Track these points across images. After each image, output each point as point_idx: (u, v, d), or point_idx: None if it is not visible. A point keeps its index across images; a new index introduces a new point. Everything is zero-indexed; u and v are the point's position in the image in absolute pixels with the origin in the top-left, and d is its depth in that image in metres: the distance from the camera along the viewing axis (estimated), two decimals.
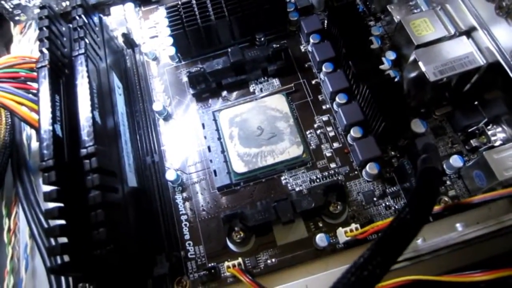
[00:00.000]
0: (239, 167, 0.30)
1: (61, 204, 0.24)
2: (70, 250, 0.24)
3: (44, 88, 0.26)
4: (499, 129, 0.30)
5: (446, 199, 0.29)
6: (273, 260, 0.28)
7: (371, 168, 0.29)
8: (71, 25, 0.30)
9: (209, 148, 0.32)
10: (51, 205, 0.24)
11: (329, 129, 0.32)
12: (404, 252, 0.16)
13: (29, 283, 0.32)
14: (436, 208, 0.26)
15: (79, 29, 0.29)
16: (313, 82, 0.34)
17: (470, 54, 0.29)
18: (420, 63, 0.29)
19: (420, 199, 0.18)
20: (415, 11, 0.34)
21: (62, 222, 0.24)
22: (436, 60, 0.29)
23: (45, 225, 0.32)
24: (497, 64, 0.27)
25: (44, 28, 0.28)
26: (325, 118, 0.33)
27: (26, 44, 0.43)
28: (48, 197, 0.24)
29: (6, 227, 0.35)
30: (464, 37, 0.29)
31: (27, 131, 0.38)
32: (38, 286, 0.32)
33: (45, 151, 0.25)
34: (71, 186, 0.24)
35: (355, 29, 0.32)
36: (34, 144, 0.38)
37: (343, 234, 0.27)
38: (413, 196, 0.19)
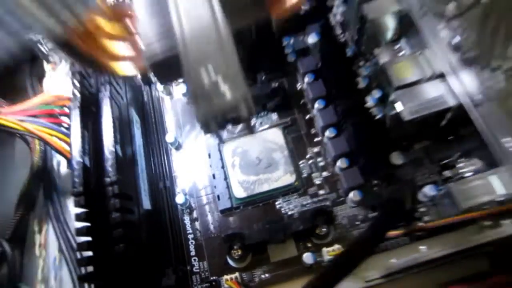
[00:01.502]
0: (239, 192, 0.35)
1: (88, 224, 0.29)
2: (94, 262, 0.28)
3: (75, 125, 0.32)
4: (471, 162, 0.34)
5: (421, 224, 0.32)
6: (267, 275, 0.33)
7: (354, 195, 0.33)
8: None
9: (213, 175, 0.36)
10: (79, 224, 0.29)
11: (319, 159, 0.37)
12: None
13: None
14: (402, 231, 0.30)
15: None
16: (307, 117, 0.39)
17: (442, 96, 0.33)
18: (398, 103, 0.33)
19: (373, 227, 0.22)
20: (399, 54, 0.39)
21: (89, 238, 0.29)
22: (412, 100, 0.33)
23: (72, 241, 0.37)
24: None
25: (76, 74, 0.34)
26: (316, 149, 0.37)
27: (57, 78, 0.49)
28: (78, 217, 0.29)
29: (37, 242, 0.40)
30: (438, 80, 0.33)
31: (57, 159, 0.43)
32: None
33: (76, 179, 0.30)
34: (96, 208, 0.29)
35: (343, 70, 0.37)
36: (63, 170, 0.43)
37: (326, 254, 0.31)
38: (370, 224, 0.23)
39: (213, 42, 0.22)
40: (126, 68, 0.29)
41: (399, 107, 0.32)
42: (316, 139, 0.38)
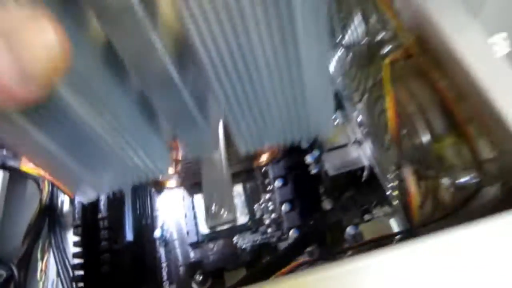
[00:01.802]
0: (204, 229, 0.44)
1: (82, 249, 0.38)
2: (85, 280, 0.37)
3: None
4: (383, 208, 0.43)
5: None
6: None
7: (293, 233, 0.43)
8: None
9: (185, 214, 0.46)
10: (75, 249, 0.38)
11: (269, 203, 0.46)
12: None
13: None
14: None
15: None
16: (263, 170, 0.49)
17: (359, 157, 0.43)
18: (325, 162, 0.43)
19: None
20: (335, 122, 0.49)
21: (81, 261, 0.38)
22: (336, 160, 0.43)
23: (68, 267, 0.46)
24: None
25: None
26: (268, 195, 0.47)
27: None
28: (75, 244, 0.38)
29: (39, 268, 0.49)
30: (357, 145, 0.44)
31: (61, 199, 0.53)
32: None
33: (76, 214, 0.39)
34: (90, 237, 0.39)
35: None
36: (65, 208, 0.53)
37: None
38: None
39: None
40: None
41: (325, 165, 0.43)
42: (269, 187, 0.47)
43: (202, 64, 0.17)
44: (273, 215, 0.45)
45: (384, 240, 0.37)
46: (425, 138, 0.25)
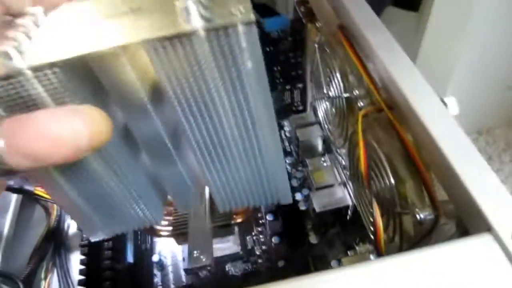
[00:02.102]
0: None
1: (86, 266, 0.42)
2: None
3: None
4: (366, 245, 0.47)
5: None
6: None
7: (280, 263, 0.46)
8: None
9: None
10: (82, 266, 0.42)
11: (261, 236, 0.50)
12: None
13: None
14: None
15: None
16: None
17: (343, 197, 0.47)
18: (313, 200, 0.47)
19: None
20: (324, 164, 0.54)
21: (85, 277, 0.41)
22: (323, 199, 0.47)
23: (71, 285, 0.49)
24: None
25: None
26: (260, 228, 0.51)
27: None
28: (81, 262, 0.42)
29: (42, 286, 0.52)
30: (342, 186, 0.48)
31: (68, 222, 0.57)
32: None
33: (84, 235, 0.43)
34: (94, 256, 0.42)
35: None
36: (71, 231, 0.57)
37: None
38: None
39: None
40: None
41: (313, 203, 0.47)
42: (261, 221, 0.51)
43: (190, 145, 0.23)
44: (263, 247, 0.49)
45: None
46: (391, 180, 0.29)
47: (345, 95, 0.37)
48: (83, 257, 0.42)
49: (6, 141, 0.17)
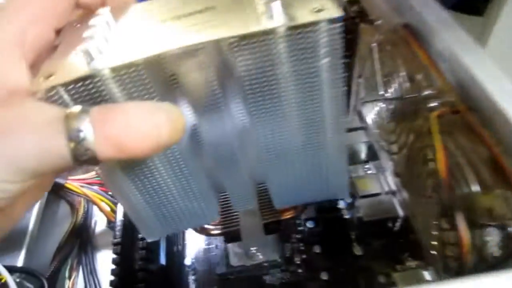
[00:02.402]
0: (234, 261, 0.45)
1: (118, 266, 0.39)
2: None
3: None
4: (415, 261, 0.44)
5: None
6: None
7: (322, 275, 0.43)
8: None
9: (216, 246, 0.47)
10: (113, 266, 0.39)
11: (301, 244, 0.47)
12: None
13: None
14: None
15: None
16: None
17: (392, 207, 0.44)
18: (359, 208, 0.44)
19: None
20: (368, 172, 0.51)
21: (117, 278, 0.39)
22: (370, 207, 0.44)
23: (98, 285, 0.47)
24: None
25: None
26: (299, 236, 0.48)
27: None
28: (113, 261, 0.39)
29: (66, 286, 0.49)
30: (391, 195, 0.45)
31: (95, 219, 0.55)
32: None
33: (117, 233, 0.41)
34: (128, 255, 0.40)
35: None
36: (98, 229, 0.54)
37: None
38: None
39: None
40: None
41: (360, 211, 0.44)
42: (300, 228, 0.48)
43: (257, 142, 0.24)
44: (303, 256, 0.46)
45: None
46: (474, 188, 0.26)
47: (410, 96, 0.34)
48: (115, 256, 0.39)
49: (95, 128, 0.17)
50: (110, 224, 0.48)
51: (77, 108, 0.17)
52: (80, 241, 0.52)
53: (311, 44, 0.19)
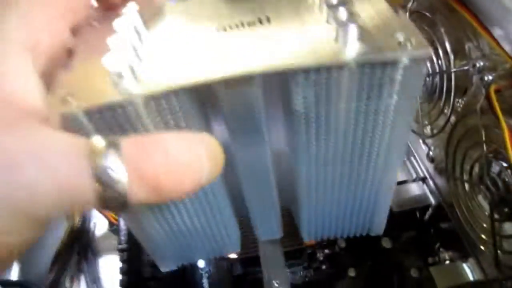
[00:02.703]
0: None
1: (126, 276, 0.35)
2: None
3: None
4: (449, 252, 0.40)
5: None
6: None
7: (350, 271, 0.39)
8: None
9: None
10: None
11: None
12: None
13: None
14: None
15: None
16: None
17: (423, 195, 0.41)
18: None
19: None
20: None
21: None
22: (398, 197, 0.41)
23: None
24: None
25: None
26: None
27: None
28: (121, 270, 0.35)
29: None
30: (420, 183, 0.42)
31: (94, 222, 0.50)
32: None
33: (122, 238, 0.36)
34: (135, 262, 0.36)
35: None
36: (98, 232, 0.50)
37: None
38: None
39: None
40: None
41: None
42: None
43: (299, 176, 0.20)
44: (326, 251, 0.42)
45: None
46: None
47: (457, 69, 0.30)
48: (122, 264, 0.35)
49: (128, 166, 0.13)
50: (112, 227, 0.44)
51: (103, 140, 0.13)
52: (79, 246, 0.48)
53: (387, 81, 0.15)
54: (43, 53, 0.15)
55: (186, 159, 0.14)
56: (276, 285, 0.30)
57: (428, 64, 0.33)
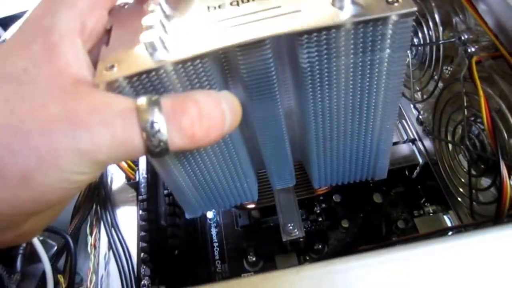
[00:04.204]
0: (256, 214, 0.46)
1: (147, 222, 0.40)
2: (151, 251, 0.39)
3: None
4: (433, 206, 0.45)
5: None
6: None
7: (344, 223, 0.44)
8: None
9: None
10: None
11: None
12: None
13: (105, 281, 0.46)
14: None
15: None
16: None
17: (412, 155, 0.45)
18: None
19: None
20: None
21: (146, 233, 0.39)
22: (392, 156, 0.44)
23: (121, 240, 0.47)
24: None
25: None
26: None
27: None
28: (141, 217, 0.40)
29: (89, 242, 0.50)
30: (410, 144, 0.46)
31: (110, 177, 0.54)
32: (111, 283, 0.46)
33: (142, 189, 0.41)
34: (153, 211, 0.40)
35: None
36: (114, 186, 0.54)
37: None
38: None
39: None
40: None
41: None
42: None
43: (309, 126, 0.24)
44: (323, 205, 0.47)
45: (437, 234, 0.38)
46: None
47: (446, 41, 0.33)
48: (142, 212, 0.40)
49: (169, 120, 0.17)
50: (130, 181, 0.48)
51: (146, 100, 0.17)
52: (98, 198, 0.52)
53: (379, 36, 0.18)
54: (89, 34, 0.19)
55: (214, 111, 0.18)
56: (291, 227, 0.35)
57: (420, 35, 0.36)
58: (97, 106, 0.16)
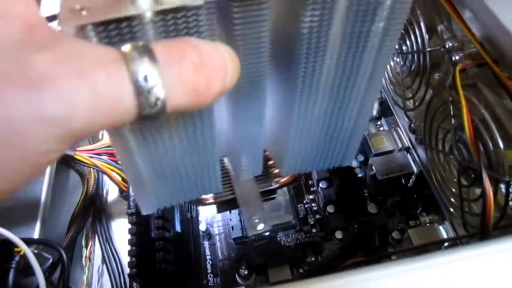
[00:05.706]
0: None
1: (135, 236, 0.39)
2: (139, 265, 0.38)
3: None
4: (430, 216, 0.44)
5: None
6: None
7: (338, 234, 0.43)
8: None
9: (230, 211, 0.47)
10: (130, 236, 0.39)
11: (313, 204, 0.47)
12: None
13: None
14: None
15: None
16: None
17: (407, 164, 0.43)
18: (373, 167, 0.44)
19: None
20: (380, 129, 0.50)
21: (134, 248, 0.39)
22: (384, 165, 0.44)
23: (114, 254, 0.47)
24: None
25: None
26: (311, 196, 0.48)
27: None
28: (130, 231, 0.39)
29: (84, 255, 0.50)
30: (404, 152, 0.44)
31: (106, 188, 0.55)
32: None
33: (131, 203, 0.41)
34: (143, 225, 0.40)
35: None
36: (110, 198, 0.54)
37: None
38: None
39: None
40: None
41: (374, 169, 0.43)
42: (312, 189, 0.48)
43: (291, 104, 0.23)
44: (317, 216, 0.46)
45: (432, 246, 0.37)
46: (500, 144, 0.25)
47: (431, 49, 0.32)
48: (131, 226, 0.39)
49: (165, 70, 0.13)
50: (123, 193, 0.48)
51: (132, 46, 0.13)
52: (94, 210, 0.52)
53: (377, 6, 0.18)
54: None
55: (216, 58, 0.14)
56: (257, 221, 0.32)
57: (408, 43, 0.35)
58: (66, 56, 0.12)
